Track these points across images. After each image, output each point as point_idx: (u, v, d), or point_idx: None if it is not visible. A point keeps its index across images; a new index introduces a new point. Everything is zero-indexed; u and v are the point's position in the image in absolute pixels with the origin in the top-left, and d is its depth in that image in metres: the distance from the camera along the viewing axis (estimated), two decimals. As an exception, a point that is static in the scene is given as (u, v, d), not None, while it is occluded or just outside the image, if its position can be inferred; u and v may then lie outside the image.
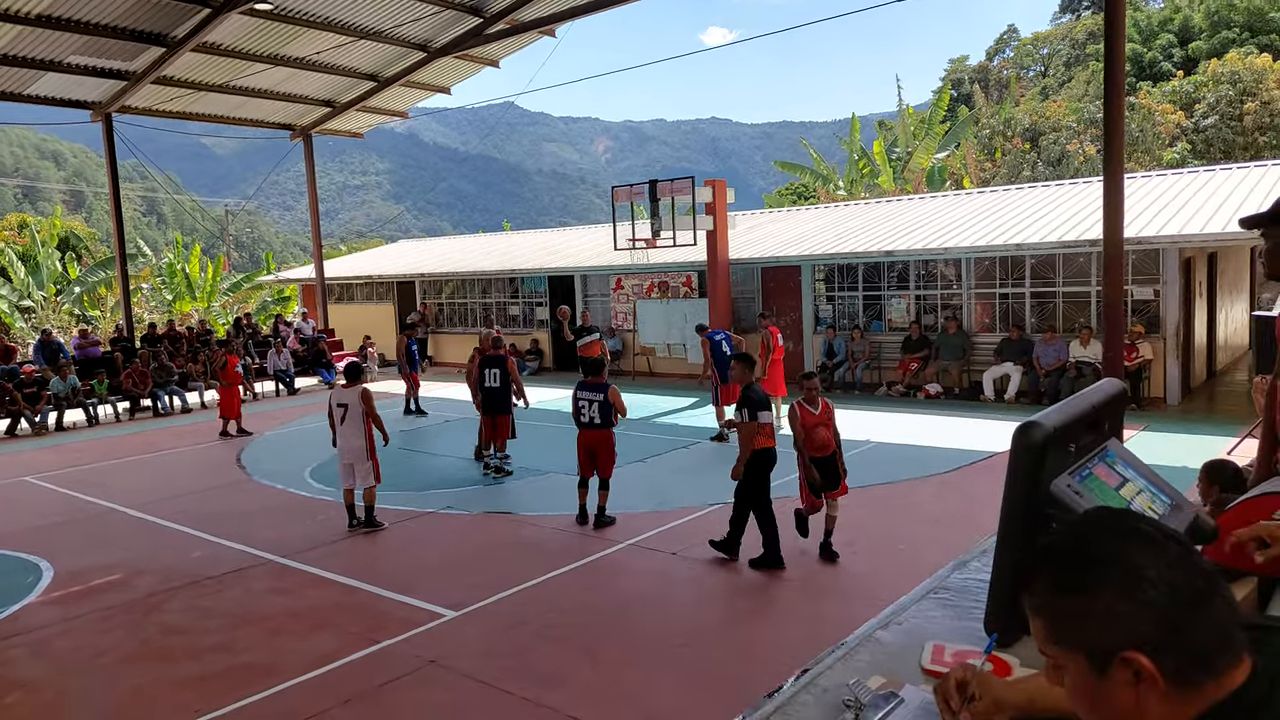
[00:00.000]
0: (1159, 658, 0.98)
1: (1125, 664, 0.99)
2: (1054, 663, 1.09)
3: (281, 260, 69.07)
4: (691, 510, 8.64)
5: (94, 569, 7.76)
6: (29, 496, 10.83)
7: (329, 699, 5.10)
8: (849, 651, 1.64)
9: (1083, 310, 13.94)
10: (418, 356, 15.55)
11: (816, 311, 16.97)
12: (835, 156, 38.96)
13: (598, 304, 20.37)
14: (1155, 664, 0.98)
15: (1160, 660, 0.98)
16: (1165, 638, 0.99)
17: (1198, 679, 0.99)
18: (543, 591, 6.71)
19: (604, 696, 5.02)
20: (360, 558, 7.82)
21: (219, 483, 11.09)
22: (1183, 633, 0.99)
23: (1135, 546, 1.03)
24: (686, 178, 16.26)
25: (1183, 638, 0.99)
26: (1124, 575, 1.01)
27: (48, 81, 17.91)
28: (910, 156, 31.61)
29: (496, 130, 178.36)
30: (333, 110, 22.16)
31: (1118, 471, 1.82)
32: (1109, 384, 1.93)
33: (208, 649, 5.94)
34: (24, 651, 6.05)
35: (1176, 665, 0.98)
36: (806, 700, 1.46)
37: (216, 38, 16.96)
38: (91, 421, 16.57)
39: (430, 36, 19.09)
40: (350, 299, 26.52)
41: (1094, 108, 29.19)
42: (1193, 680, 0.99)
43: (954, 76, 49.37)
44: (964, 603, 1.84)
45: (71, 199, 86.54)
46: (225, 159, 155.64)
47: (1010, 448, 1.59)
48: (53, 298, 29.80)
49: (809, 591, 6.43)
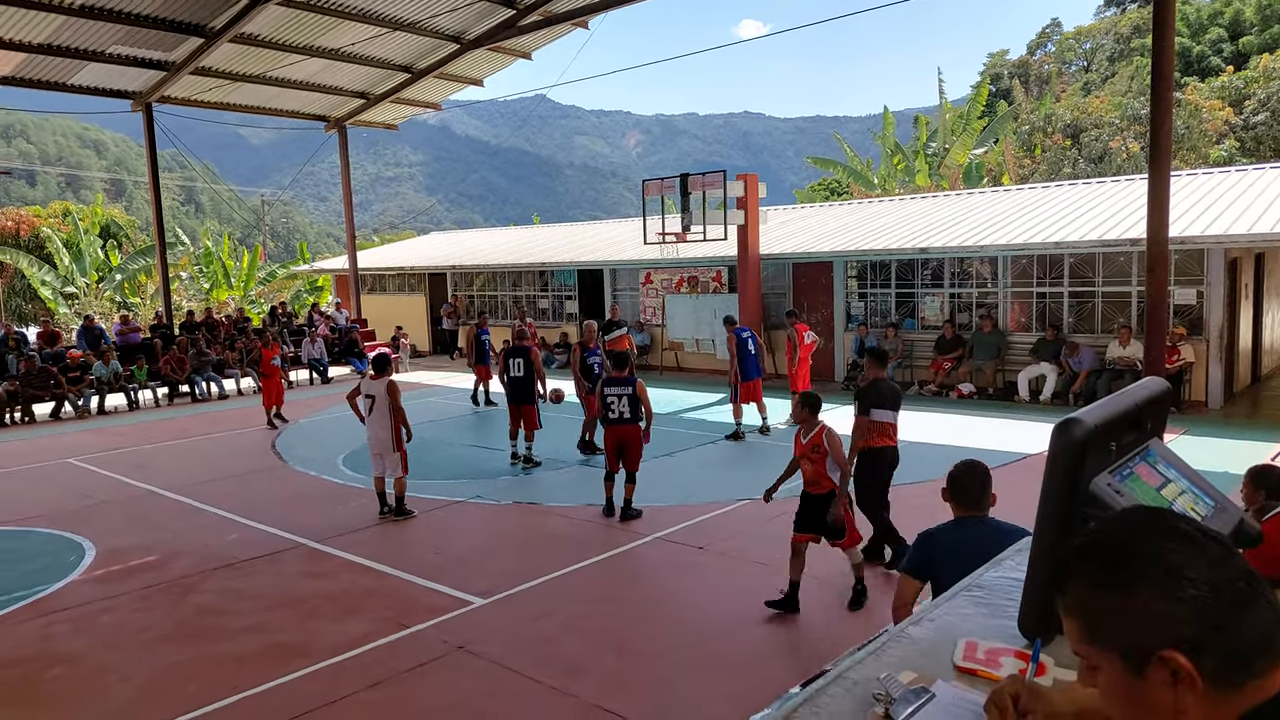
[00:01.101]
0: (1198, 658, 0.97)
1: (1163, 664, 0.98)
2: (1088, 663, 1.08)
3: (315, 250, 69.86)
4: (718, 505, 8.63)
5: (134, 549, 7.93)
6: (72, 477, 11.08)
7: (359, 681, 5.17)
8: (880, 646, 1.63)
9: (1122, 311, 13.71)
10: (488, 347, 15.30)
11: (848, 309, 16.85)
12: (869, 152, 38.60)
13: (626, 298, 20.38)
14: (1194, 664, 0.97)
15: (1199, 660, 0.97)
16: (1205, 637, 0.97)
17: (1238, 680, 0.97)
18: (570, 582, 6.75)
19: (629, 687, 5.04)
20: (391, 544, 7.91)
21: (254, 468, 11.27)
22: (1223, 633, 0.97)
23: (1174, 545, 1.02)
24: (718, 171, 16.20)
25: (1223, 638, 0.97)
26: (1163, 573, 1.00)
27: (90, 71, 18.25)
28: (947, 152, 31.24)
29: (528, 123, 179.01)
30: (367, 102, 22.36)
31: (1160, 471, 1.79)
32: (1152, 382, 1.90)
33: (242, 629, 6.05)
34: (67, 627, 6.21)
35: (1216, 666, 0.97)
36: (836, 693, 1.46)
37: (254, 28, 17.17)
38: (132, 406, 16.91)
39: (464, 28, 19.19)
40: (383, 290, 26.77)
41: (1138, 103, 28.65)
42: (1232, 682, 0.97)
43: (993, 71, 48.63)
44: (997, 600, 1.82)
45: (112, 187, 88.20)
46: (261, 149, 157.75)
47: (1049, 445, 1.57)
48: (95, 284, 30.41)
49: (839, 590, 6.39)
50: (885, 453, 6.70)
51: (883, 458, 6.70)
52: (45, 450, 13.05)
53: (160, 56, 18.16)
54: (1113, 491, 1.64)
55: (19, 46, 16.43)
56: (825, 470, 5.93)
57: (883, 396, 6.68)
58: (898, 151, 32.57)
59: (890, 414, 6.68)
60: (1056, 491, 1.61)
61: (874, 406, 6.64)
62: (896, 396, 6.81)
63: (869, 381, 6.85)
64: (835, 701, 1.43)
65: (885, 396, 6.69)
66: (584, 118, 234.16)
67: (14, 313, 30.70)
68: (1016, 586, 1.80)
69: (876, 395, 6.67)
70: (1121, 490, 1.66)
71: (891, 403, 6.70)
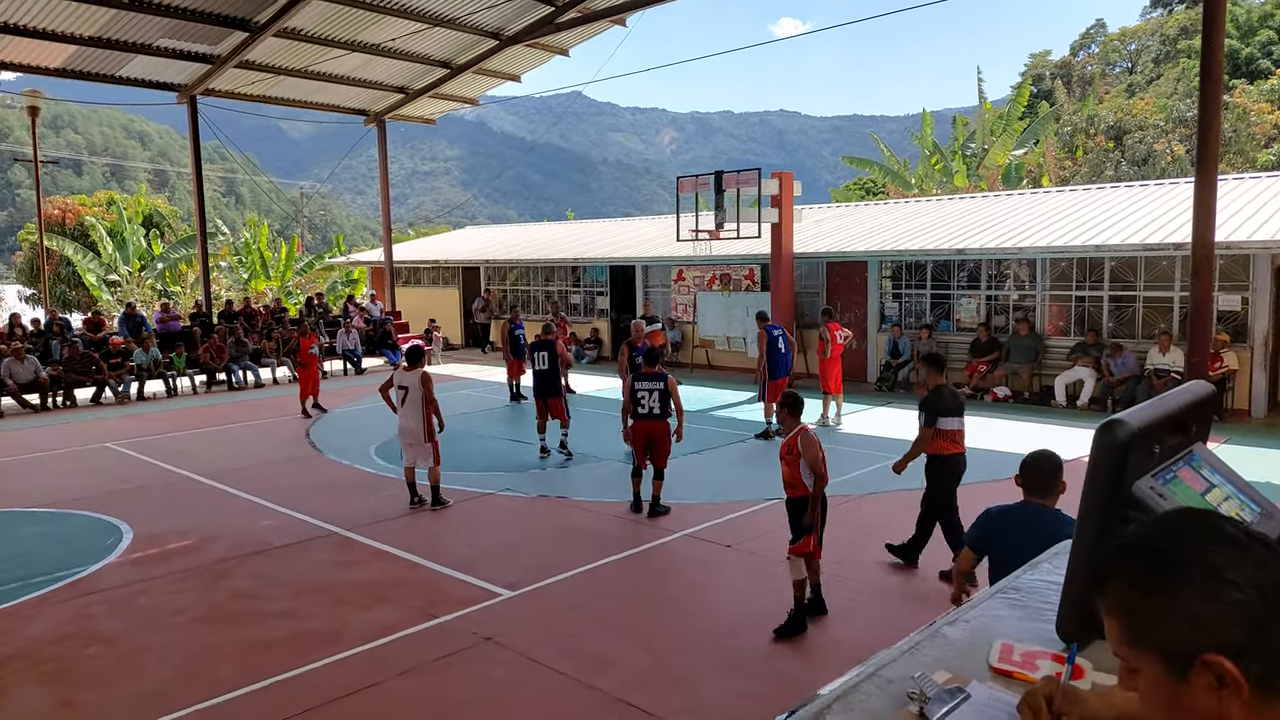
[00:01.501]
0: (1243, 662, 0.95)
1: (1207, 668, 0.96)
2: (1129, 665, 1.06)
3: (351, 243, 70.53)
4: (747, 504, 8.60)
5: (170, 533, 8.08)
6: (111, 462, 11.31)
7: (388, 670, 5.22)
8: (914, 646, 1.61)
9: (1164, 316, 13.45)
10: (523, 341, 15.17)
11: (882, 309, 16.70)
12: (906, 152, 38.20)
13: (658, 295, 20.38)
14: (1240, 669, 0.94)
15: (1245, 665, 0.95)
16: (1251, 642, 0.95)
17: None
18: (598, 576, 6.76)
19: (655, 681, 5.04)
20: (421, 534, 7.98)
21: (288, 456, 11.42)
22: (1270, 637, 0.95)
23: (1219, 547, 1.00)
24: (753, 169, 16.13)
25: (1269, 642, 0.95)
26: (1206, 576, 0.98)
27: (138, 64, 18.60)
28: (986, 153, 30.83)
29: (564, 119, 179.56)
30: (406, 97, 22.55)
31: (1204, 476, 1.75)
32: (1197, 385, 1.86)
33: (274, 615, 6.14)
34: (104, 608, 6.34)
35: (1262, 671, 0.95)
36: (870, 690, 1.44)
37: (297, 23, 17.40)
38: (170, 392, 17.23)
39: (502, 24, 19.28)
40: (417, 283, 27.00)
41: (1184, 106, 28.07)
42: (1278, 687, 0.95)
43: (1035, 72, 47.90)
44: (1034, 603, 1.80)
45: (155, 178, 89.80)
46: (300, 143, 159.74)
47: (1091, 446, 1.54)
48: (137, 273, 31.01)
49: (870, 592, 6.35)
50: (954, 460, 6.55)
51: (952, 465, 6.55)
52: (85, 434, 13.34)
53: (206, 50, 18.46)
54: (1155, 495, 1.61)
55: (71, 39, 16.79)
56: (800, 474, 5.72)
57: (947, 404, 6.53)
58: (936, 152, 32.20)
59: (956, 420, 6.52)
60: (1098, 494, 1.58)
61: (940, 415, 6.48)
62: (960, 403, 6.67)
63: (931, 390, 6.66)
64: (869, 699, 1.42)
65: (949, 404, 6.54)
66: (619, 115, 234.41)
67: (59, 299, 31.38)
68: (1054, 590, 1.77)
69: (940, 403, 6.52)
70: (1164, 494, 1.62)
71: (956, 409, 6.55)
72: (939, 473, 6.59)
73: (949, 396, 6.60)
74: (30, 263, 33.77)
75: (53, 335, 17.54)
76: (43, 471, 10.83)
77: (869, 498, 8.76)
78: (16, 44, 16.70)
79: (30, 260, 33.87)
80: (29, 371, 15.81)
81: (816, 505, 5.71)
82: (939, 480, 6.61)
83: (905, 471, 6.77)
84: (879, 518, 8.09)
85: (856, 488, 9.09)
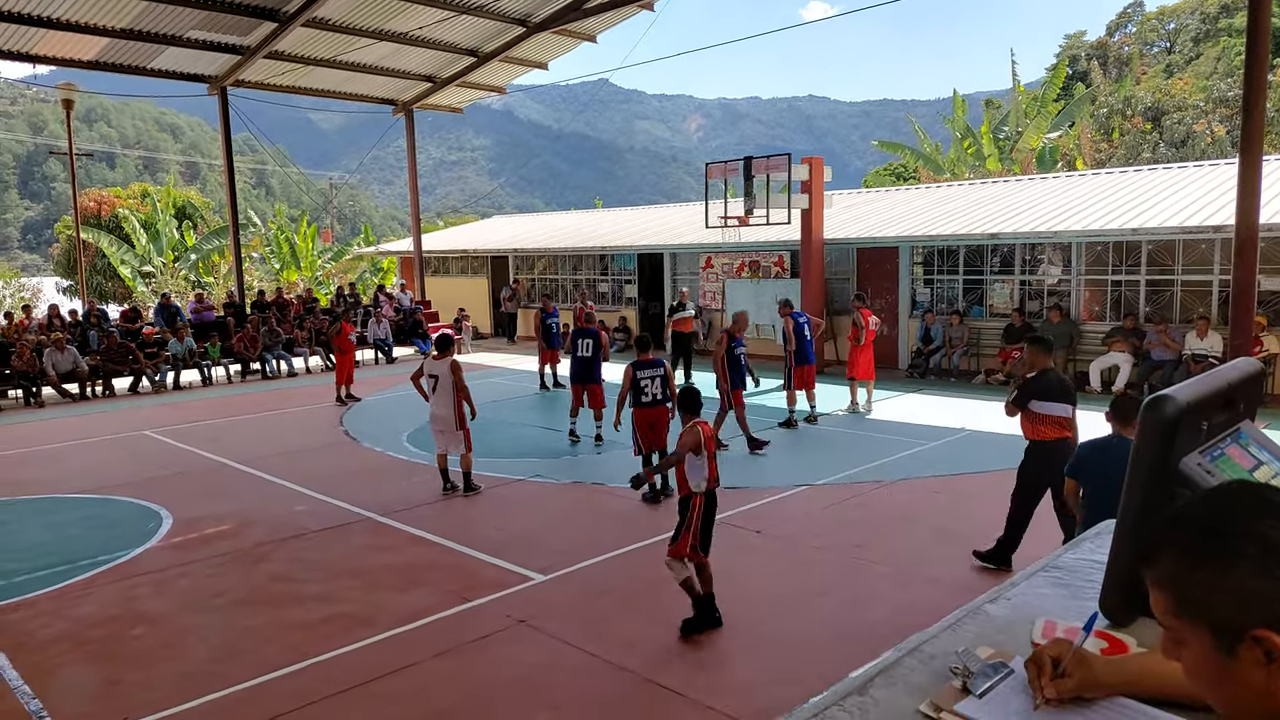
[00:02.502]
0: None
1: (1256, 643, 0.95)
2: (1174, 636, 1.05)
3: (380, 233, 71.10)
4: (776, 490, 8.59)
5: (208, 518, 8.23)
6: (149, 449, 11.53)
7: (423, 651, 5.29)
8: (955, 622, 1.61)
9: (1201, 300, 13.21)
10: (555, 330, 15.14)
11: (914, 295, 16.55)
12: (938, 136, 37.73)
13: (686, 282, 20.33)
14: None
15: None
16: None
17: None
18: (628, 561, 6.80)
19: (685, 663, 5.07)
20: (454, 519, 8.06)
21: (322, 443, 11.58)
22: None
23: (1273, 521, 0.98)
24: (782, 154, 16.00)
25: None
26: (1261, 550, 0.97)
27: (169, 55, 18.83)
28: (1020, 136, 30.36)
29: (590, 107, 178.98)
30: (434, 85, 22.64)
31: (1252, 454, 1.72)
32: (1245, 363, 1.83)
33: (311, 597, 6.24)
34: (148, 590, 6.48)
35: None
36: (912, 665, 1.45)
37: (325, 12, 17.52)
38: (205, 381, 17.50)
39: (530, 11, 19.27)
40: (446, 272, 27.17)
41: (1225, 85, 27.45)
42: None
43: (1070, 53, 47.05)
44: (1076, 582, 1.79)
45: (187, 170, 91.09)
46: (330, 134, 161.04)
47: (1139, 421, 1.52)
48: (171, 264, 31.49)
49: (898, 578, 6.32)
50: (1053, 445, 6.10)
51: (1048, 451, 6.11)
52: (124, 422, 13.60)
53: (235, 40, 18.65)
54: (1203, 472, 1.59)
55: (103, 31, 17.03)
56: (684, 472, 5.46)
57: (1052, 388, 6.14)
58: (968, 135, 31.76)
59: (1060, 406, 6.11)
60: (1144, 470, 1.56)
61: (1036, 398, 6.11)
62: (1068, 388, 6.24)
63: (1038, 371, 6.21)
64: (912, 674, 1.42)
65: (1055, 388, 6.15)
66: (645, 102, 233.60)
67: (95, 290, 31.94)
68: (1097, 569, 1.76)
69: (1042, 387, 6.13)
70: (1212, 471, 1.60)
71: (1061, 394, 6.14)
72: (1031, 459, 6.23)
73: (1055, 380, 6.18)
74: (67, 254, 34.40)
75: (90, 326, 17.88)
76: (85, 459, 11.07)
77: (901, 484, 8.71)
78: (52, 37, 16.97)
79: (67, 252, 34.50)
80: (69, 361, 16.14)
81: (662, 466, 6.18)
82: (1028, 467, 6.25)
83: (934, 458, 6.66)
84: (909, 505, 8.05)
85: (888, 473, 9.04)
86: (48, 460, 11.05)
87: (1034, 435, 6.27)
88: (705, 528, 5.45)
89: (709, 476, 5.44)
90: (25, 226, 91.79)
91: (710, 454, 5.46)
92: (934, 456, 9.68)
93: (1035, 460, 6.23)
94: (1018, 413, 6.27)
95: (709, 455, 5.44)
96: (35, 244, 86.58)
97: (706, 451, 5.41)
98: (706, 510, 5.46)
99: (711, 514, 5.51)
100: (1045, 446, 6.16)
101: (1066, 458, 6.10)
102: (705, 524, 5.45)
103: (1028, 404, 6.17)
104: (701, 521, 5.43)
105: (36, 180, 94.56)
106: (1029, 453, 6.30)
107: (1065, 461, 6.14)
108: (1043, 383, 6.17)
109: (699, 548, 5.42)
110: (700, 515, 5.43)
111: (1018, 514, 6.33)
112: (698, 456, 5.42)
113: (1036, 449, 6.24)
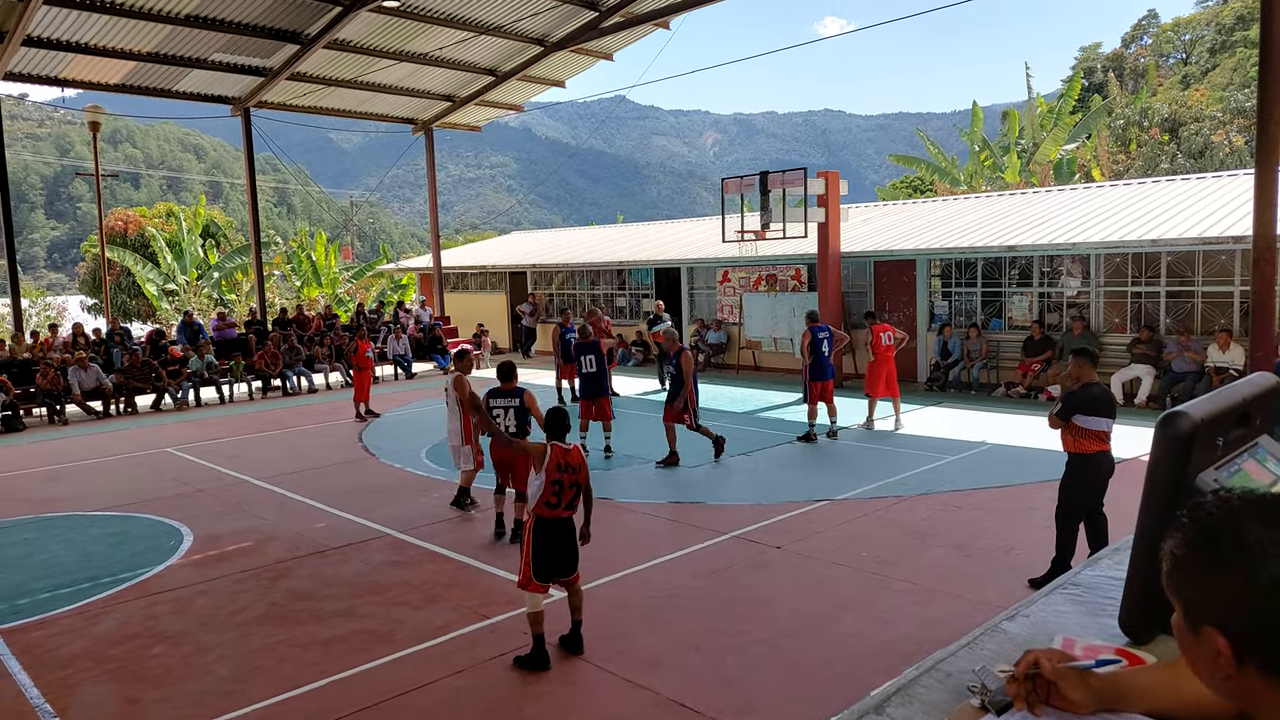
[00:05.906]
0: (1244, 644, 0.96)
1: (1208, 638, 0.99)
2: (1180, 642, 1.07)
3: (400, 250, 71.71)
4: (795, 505, 8.55)
5: (228, 535, 8.29)
6: (171, 466, 11.64)
7: (442, 668, 5.30)
8: (974, 640, 1.60)
9: (1223, 312, 13.07)
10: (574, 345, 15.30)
11: (931, 308, 16.48)
12: (954, 149, 37.64)
13: (703, 297, 20.36)
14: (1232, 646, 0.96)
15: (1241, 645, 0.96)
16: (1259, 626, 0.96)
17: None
18: (646, 577, 6.78)
19: (704, 682, 5.04)
20: (472, 536, 8.08)
21: (342, 460, 11.65)
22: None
23: (1255, 524, 0.99)
24: (798, 169, 16.03)
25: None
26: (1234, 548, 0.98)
27: (194, 78, 19.14)
28: (1037, 148, 30.25)
29: (606, 124, 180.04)
30: (453, 104, 22.86)
31: (1270, 469, 1.71)
32: (1261, 377, 1.82)
33: (330, 614, 6.26)
34: (168, 607, 6.53)
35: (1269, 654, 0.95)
36: (930, 683, 1.44)
37: (346, 35, 17.76)
38: (223, 399, 17.66)
39: (547, 30, 19.46)
40: (465, 288, 27.33)
41: (1242, 96, 27.24)
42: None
43: (1085, 65, 46.91)
44: (1095, 599, 1.77)
45: (210, 190, 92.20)
46: (350, 153, 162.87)
47: (1153, 438, 1.52)
48: (194, 282, 31.84)
49: (916, 594, 6.27)
50: (1094, 459, 6.08)
51: (1091, 464, 6.08)
52: (146, 440, 13.74)
53: (259, 63, 18.93)
54: (1219, 488, 1.58)
55: (130, 55, 17.34)
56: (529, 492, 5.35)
57: (1096, 402, 6.07)
58: (985, 148, 31.68)
59: (1104, 421, 6.06)
60: (1160, 487, 1.56)
61: (1081, 412, 6.05)
62: (1112, 402, 6.20)
63: (1081, 385, 6.17)
64: (929, 692, 1.42)
65: (1100, 402, 6.08)
66: (662, 118, 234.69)
67: (119, 309, 32.33)
68: (1115, 586, 1.75)
69: (1086, 401, 6.06)
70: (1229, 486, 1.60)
71: (1106, 409, 6.09)
72: (1074, 471, 6.16)
73: (1100, 394, 6.13)
74: (93, 274, 34.85)
75: (114, 344, 18.10)
76: (107, 476, 11.19)
77: (921, 499, 8.65)
78: (80, 61, 17.30)
79: (93, 271, 34.96)
80: (92, 379, 16.34)
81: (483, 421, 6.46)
82: (1070, 480, 6.18)
83: (954, 473, 6.59)
84: (929, 520, 7.99)
85: (908, 488, 8.99)
86: (71, 478, 11.18)
87: (1075, 448, 6.21)
88: (539, 554, 5.23)
89: (547, 501, 5.22)
90: (51, 246, 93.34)
91: (565, 482, 5.22)
92: (954, 471, 9.61)
93: (1077, 474, 6.18)
94: (1061, 426, 6.21)
95: (564, 483, 5.21)
96: (61, 263, 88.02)
97: (549, 476, 5.19)
98: (540, 537, 5.24)
99: (549, 542, 5.25)
100: (1087, 460, 6.12)
101: (1108, 469, 6.06)
102: (539, 550, 5.23)
103: (1072, 417, 6.11)
104: (533, 548, 5.23)
105: (62, 200, 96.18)
106: (1071, 466, 6.22)
107: (1107, 473, 6.08)
108: (1087, 396, 6.12)
109: (535, 577, 5.23)
110: (531, 540, 5.26)
111: (1067, 531, 6.26)
112: (536, 475, 5.25)
113: (1078, 462, 6.18)
